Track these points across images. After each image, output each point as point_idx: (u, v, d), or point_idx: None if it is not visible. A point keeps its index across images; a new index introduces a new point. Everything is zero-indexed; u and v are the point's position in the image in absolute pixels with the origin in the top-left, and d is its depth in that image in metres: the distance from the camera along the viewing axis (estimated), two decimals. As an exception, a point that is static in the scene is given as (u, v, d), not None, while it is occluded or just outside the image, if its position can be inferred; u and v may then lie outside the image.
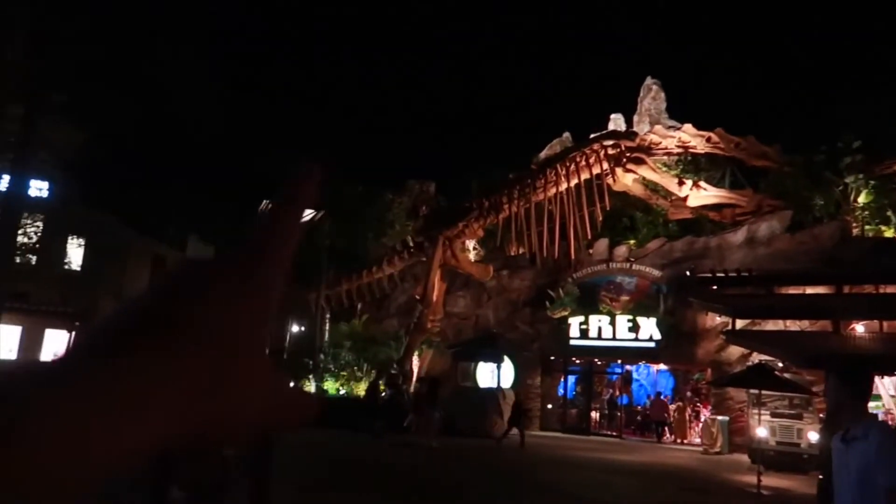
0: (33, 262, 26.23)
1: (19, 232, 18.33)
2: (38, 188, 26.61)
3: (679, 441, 21.61)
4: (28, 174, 17.35)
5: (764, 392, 14.43)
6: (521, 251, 24.39)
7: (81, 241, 31.33)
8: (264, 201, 8.78)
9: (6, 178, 16.84)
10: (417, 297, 23.32)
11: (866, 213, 21.09)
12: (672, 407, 22.81)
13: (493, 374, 21.27)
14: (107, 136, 25.23)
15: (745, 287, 19.43)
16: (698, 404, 21.90)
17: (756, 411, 14.96)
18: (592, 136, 25.86)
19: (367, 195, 28.16)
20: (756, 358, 18.26)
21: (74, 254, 31.33)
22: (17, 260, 20.52)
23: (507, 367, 21.65)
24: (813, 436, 15.31)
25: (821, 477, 11.31)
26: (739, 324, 19.15)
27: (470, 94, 68.72)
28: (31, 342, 29.77)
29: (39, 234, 26.31)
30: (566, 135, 30.85)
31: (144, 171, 32.29)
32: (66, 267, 30.33)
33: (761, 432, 14.98)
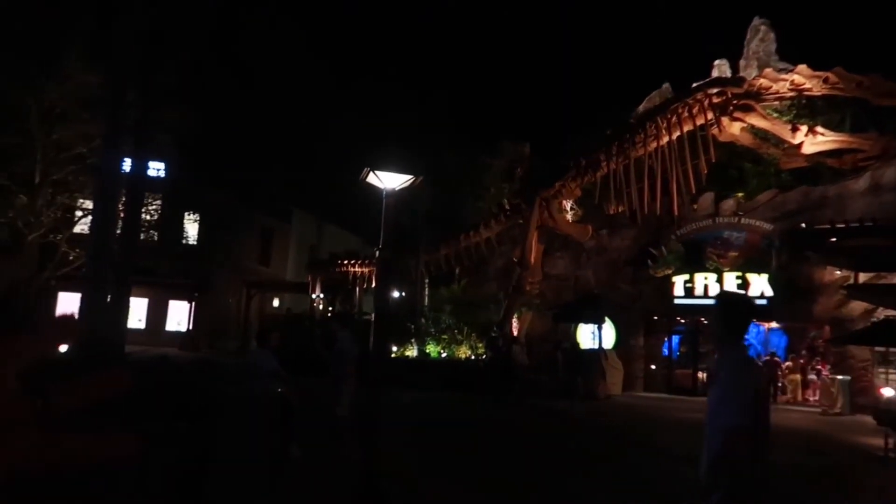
0: (155, 239, 28.24)
1: (142, 210, 19.79)
2: (156, 168, 28.53)
3: (791, 401, 20.72)
4: (146, 155, 18.64)
5: (891, 349, 13.48)
6: (620, 209, 23.71)
7: (197, 217, 33.39)
8: (365, 169, 8.99)
9: (128, 161, 18.14)
10: (515, 259, 23.30)
11: None
12: (785, 366, 21.84)
13: (595, 336, 21.06)
14: (218, 116, 26.53)
15: (869, 238, 18.02)
16: (819, 364, 20.67)
17: (882, 370, 14.02)
18: (695, 84, 24.50)
19: (463, 158, 28.22)
20: (882, 313, 17.05)
21: (191, 229, 33.47)
22: (142, 236, 22.18)
23: (609, 327, 21.35)
24: (949, 396, 14.18)
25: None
26: (863, 277, 17.89)
27: (563, 49, 66.73)
28: (156, 313, 32.31)
29: (159, 212, 28.27)
30: (665, 86, 29.38)
31: (251, 148, 33.76)
32: (185, 242, 32.49)
33: (888, 392, 14.05)
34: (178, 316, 32.61)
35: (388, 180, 9.07)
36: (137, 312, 29.71)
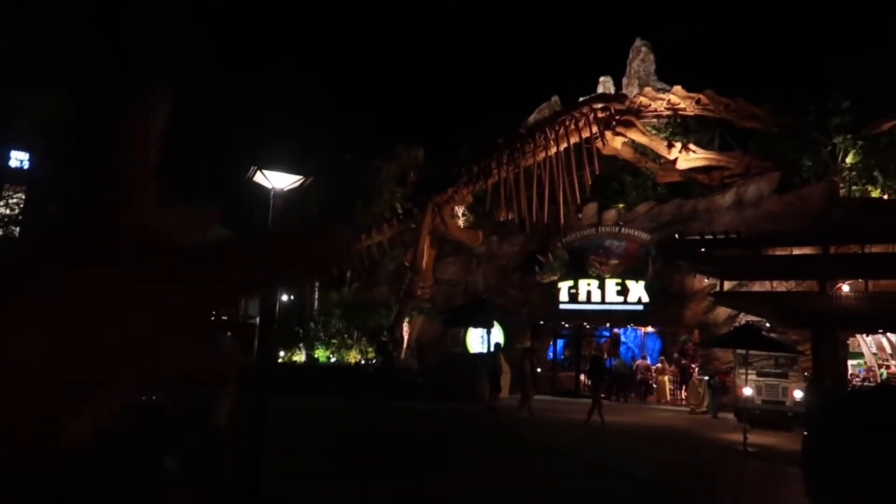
0: (16, 235, 25.85)
1: (0, 203, 18.08)
2: (19, 159, 26.17)
3: (663, 401, 21.95)
4: (7, 144, 17.05)
5: (751, 352, 14.61)
6: (510, 216, 24.35)
7: (66, 213, 30.90)
8: (252, 168, 8.67)
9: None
10: (407, 264, 23.31)
11: (854, 173, 21.14)
12: (654, 368, 23.11)
13: (483, 340, 21.40)
14: (90, 103, 24.65)
15: (734, 249, 19.54)
16: (693, 366, 21.95)
17: (743, 371, 15.17)
18: (581, 99, 25.63)
19: (356, 161, 27.93)
20: (743, 318, 18.47)
21: (59, 225, 30.92)
22: (1, 232, 20.25)
23: (497, 332, 21.77)
24: (798, 394, 15.58)
25: (806, 434, 11.57)
26: (727, 285, 19.32)
27: (457, 58, 67.86)
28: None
29: (21, 206, 25.93)
30: (555, 98, 30.56)
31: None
32: (52, 239, 29.94)
33: (747, 391, 15.22)
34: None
35: (277, 180, 8.79)
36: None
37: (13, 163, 23.66)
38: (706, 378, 19.40)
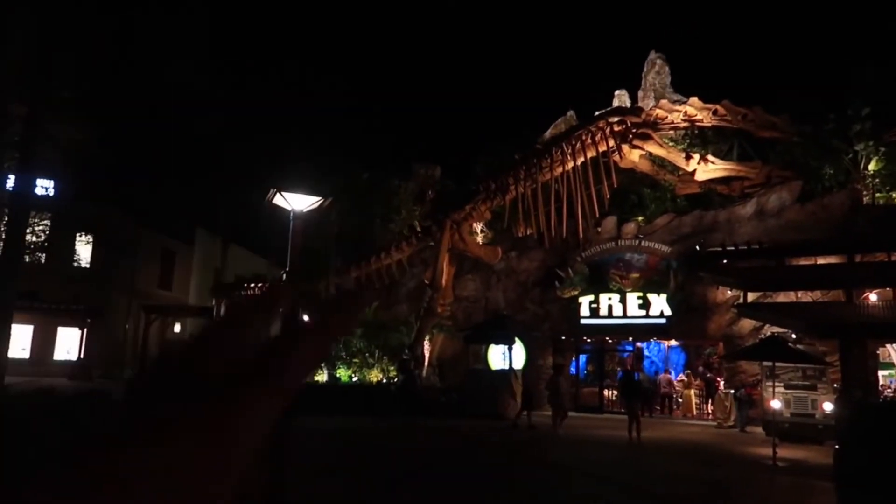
0: (42, 261, 26.33)
1: (27, 231, 18.41)
2: (44, 186, 26.69)
3: (690, 415, 21.64)
4: (33, 173, 17.38)
5: (777, 364, 14.36)
6: (528, 232, 24.28)
7: (90, 238, 31.44)
8: (271, 190, 8.77)
9: (12, 177, 16.86)
10: (427, 281, 23.31)
11: (877, 180, 20.80)
12: (678, 381, 22.82)
13: (505, 356, 21.30)
14: (112, 131, 25.12)
15: (756, 259, 19.28)
16: (719, 379, 21.59)
17: (770, 384, 14.90)
18: (597, 113, 25.60)
19: (374, 181, 28.11)
20: (768, 330, 18.18)
21: (83, 251, 31.47)
22: (27, 259, 20.60)
23: (518, 348, 21.67)
24: (828, 406, 15.26)
25: (837, 447, 11.31)
26: (751, 297, 19.04)
27: (471, 74, 68.26)
28: (43, 341, 30.05)
29: (47, 233, 26.40)
30: (570, 113, 30.57)
31: (150, 166, 32.25)
32: (76, 264, 30.48)
33: (775, 404, 14.93)
34: (69, 344, 30.45)
35: (296, 202, 8.88)
36: (21, 341, 27.50)
37: (39, 191, 24.14)
38: (732, 391, 19.11)
